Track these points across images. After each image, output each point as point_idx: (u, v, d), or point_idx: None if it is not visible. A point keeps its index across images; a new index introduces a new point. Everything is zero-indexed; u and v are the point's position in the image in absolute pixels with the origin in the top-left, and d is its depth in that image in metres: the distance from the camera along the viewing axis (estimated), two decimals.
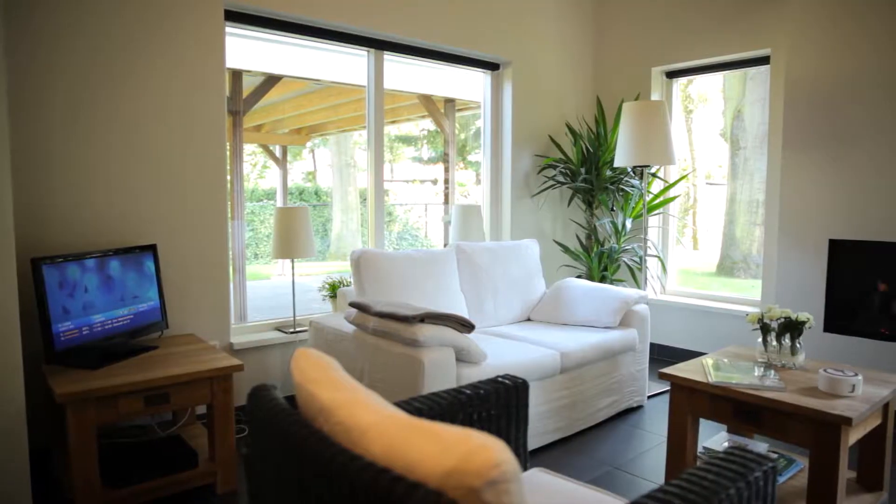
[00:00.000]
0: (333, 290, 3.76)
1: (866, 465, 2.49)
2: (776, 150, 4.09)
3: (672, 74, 4.83)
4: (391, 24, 3.84)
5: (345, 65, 4.15)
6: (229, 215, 3.36)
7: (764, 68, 4.34)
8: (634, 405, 3.62)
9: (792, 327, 2.54)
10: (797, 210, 3.73)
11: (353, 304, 2.92)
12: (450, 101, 5.76)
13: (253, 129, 7.82)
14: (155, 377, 2.34)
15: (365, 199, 4.13)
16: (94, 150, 2.84)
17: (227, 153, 3.34)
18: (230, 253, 3.43)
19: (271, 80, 5.01)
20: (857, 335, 3.53)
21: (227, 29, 3.28)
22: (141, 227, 2.99)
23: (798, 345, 2.55)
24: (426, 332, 2.57)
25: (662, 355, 4.72)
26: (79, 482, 2.21)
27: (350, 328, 3.02)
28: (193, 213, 3.15)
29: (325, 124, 8.49)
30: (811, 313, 3.63)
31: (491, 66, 4.58)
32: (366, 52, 3.95)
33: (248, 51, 3.76)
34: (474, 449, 0.88)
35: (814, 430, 2.12)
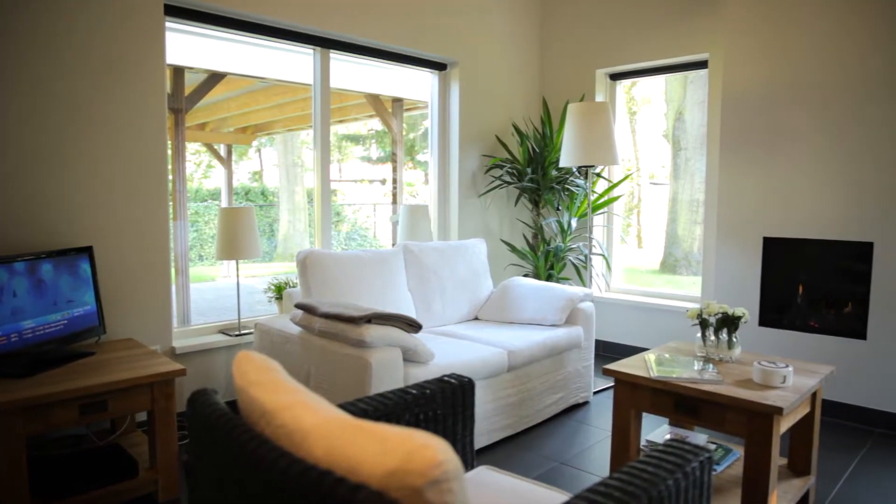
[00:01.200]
0: (279, 291, 3.71)
1: (796, 452, 2.60)
2: (714, 151, 4.23)
3: (616, 76, 4.94)
4: (337, 22, 3.80)
5: (290, 63, 4.09)
6: (171, 216, 3.27)
7: (703, 72, 4.49)
8: (581, 401, 3.69)
9: (728, 322, 2.63)
10: (734, 209, 3.86)
11: (298, 306, 2.89)
12: (398, 101, 5.74)
13: (196, 127, 7.62)
14: (91, 384, 2.26)
15: (312, 199, 4.08)
16: (25, 148, 2.72)
17: (169, 152, 3.25)
18: (172, 254, 3.33)
19: (215, 78, 4.89)
20: (790, 329, 3.69)
21: (168, 24, 3.19)
22: (76, 228, 2.88)
23: (734, 339, 2.65)
24: (373, 332, 2.56)
25: (608, 352, 4.82)
26: (6, 497, 2.12)
27: (296, 330, 2.98)
28: (133, 214, 3.05)
29: (272, 123, 8.35)
30: (749, 308, 3.79)
31: (438, 67, 4.59)
32: (311, 51, 3.91)
33: (190, 47, 3.66)
34: (416, 448, 0.88)
35: (748, 420, 2.20)
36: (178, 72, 4.33)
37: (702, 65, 4.43)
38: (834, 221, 3.51)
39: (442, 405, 1.81)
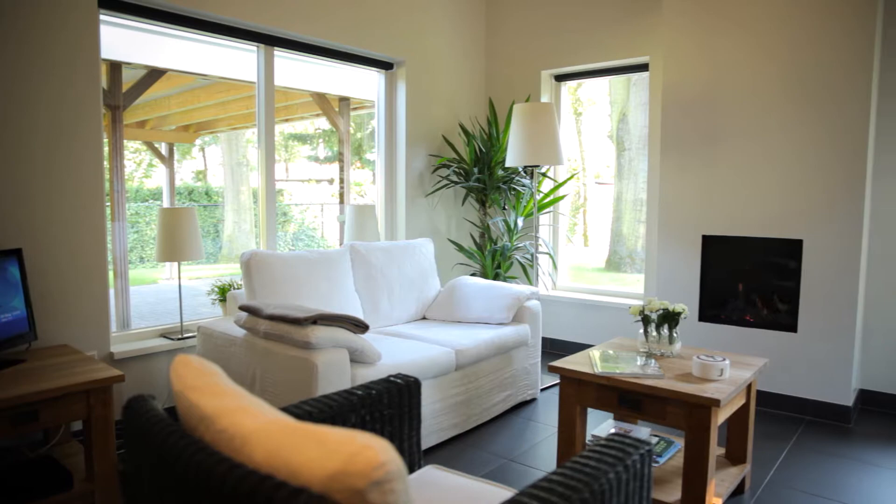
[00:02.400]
0: (223, 293, 3.63)
1: (733, 441, 2.70)
2: (656, 152, 4.35)
3: (561, 78, 5.01)
4: (281, 19, 3.74)
5: (234, 60, 4.00)
6: (109, 216, 3.16)
7: (645, 74, 4.60)
8: (528, 398, 3.74)
9: (669, 318, 2.70)
10: (674, 208, 3.98)
11: (243, 308, 2.83)
12: (344, 100, 5.69)
13: (136, 125, 7.39)
14: (20, 393, 2.16)
15: (258, 199, 4.01)
16: None
17: (106, 150, 3.14)
18: (111, 256, 3.22)
19: (154, 74, 4.75)
20: (727, 323, 3.82)
21: (102, 17, 3.08)
22: (4, 229, 2.75)
23: (675, 334, 2.73)
24: (319, 333, 2.53)
25: (555, 349, 4.89)
26: None
27: (240, 332, 2.92)
28: (66, 215, 2.93)
29: (215, 121, 8.16)
30: (689, 304, 3.91)
31: (385, 66, 4.57)
32: (255, 48, 3.84)
33: (127, 42, 3.55)
34: (358, 450, 0.88)
35: (688, 412, 2.27)
36: (115, 67, 4.19)
37: (643, 67, 4.54)
38: (768, 220, 3.65)
39: (388, 405, 1.80)
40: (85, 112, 2.97)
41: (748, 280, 3.78)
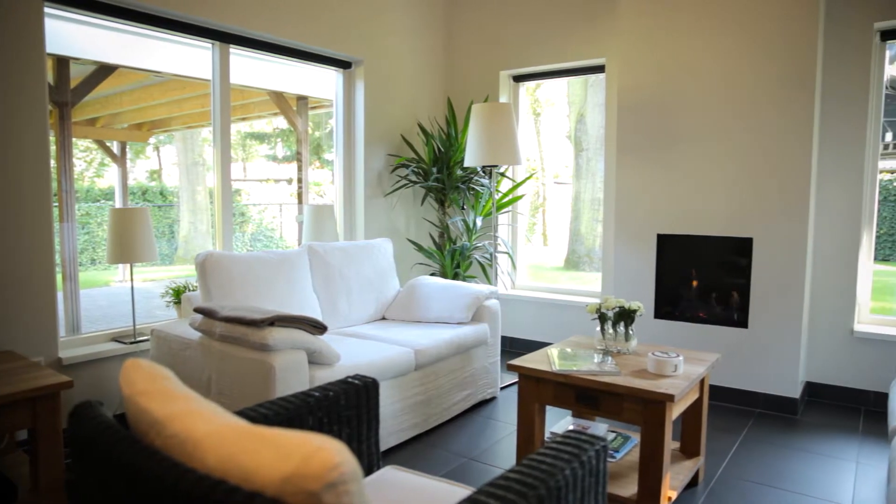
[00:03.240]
0: (178, 295, 3.55)
1: (687, 435, 2.76)
2: (612, 153, 4.42)
3: (519, 78, 5.05)
4: (237, 16, 3.68)
5: (188, 57, 3.93)
6: (57, 217, 3.06)
7: (602, 75, 4.67)
8: (488, 397, 3.76)
9: (625, 316, 2.75)
10: (630, 208, 4.05)
11: (198, 310, 2.77)
12: (302, 99, 5.63)
13: (86, 122, 7.17)
14: None
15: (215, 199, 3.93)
16: None
17: (53, 148, 3.03)
18: (59, 258, 3.12)
19: (104, 70, 4.61)
20: (682, 320, 3.91)
21: (48, 10, 2.97)
22: None
23: (631, 331, 2.77)
24: (276, 335, 2.50)
25: (514, 347, 4.93)
26: None
27: (195, 335, 2.87)
28: (9, 216, 2.82)
29: (169, 119, 7.97)
30: (645, 302, 3.98)
31: (343, 65, 4.54)
32: (210, 45, 3.76)
33: (75, 36, 3.44)
34: (312, 452, 0.87)
35: (643, 408, 2.31)
36: (63, 62, 4.06)
37: (600, 69, 4.61)
38: (719, 219, 3.75)
39: (346, 407, 1.79)
40: (30, 109, 2.86)
41: (701, 277, 3.87)
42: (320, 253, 3.55)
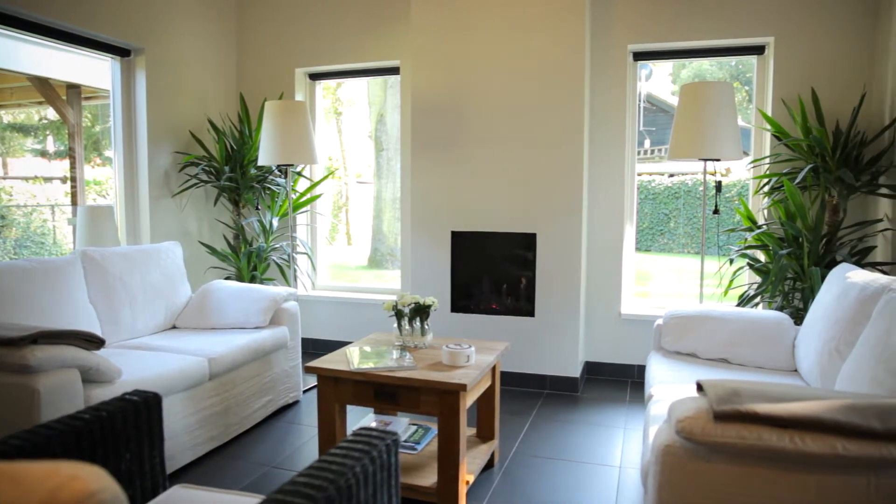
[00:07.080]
0: None
1: (482, 421, 2.94)
2: (408, 153, 4.54)
3: (316, 77, 4.99)
4: None
5: None
6: None
7: (398, 77, 4.77)
8: (290, 401, 3.67)
9: (420, 311, 2.84)
10: (425, 206, 4.20)
11: None
12: (73, 87, 5.04)
13: None
14: None
15: None
16: None
17: None
18: None
19: None
20: (476, 312, 4.14)
21: None
22: None
23: (427, 326, 2.88)
24: (39, 354, 2.22)
25: (317, 349, 4.87)
26: None
27: None
28: None
29: None
30: (442, 297, 4.15)
31: (120, 52, 4.14)
32: None
33: None
34: (62, 483, 0.78)
35: (439, 399, 2.41)
36: None
37: (396, 70, 4.71)
38: (507, 216, 4.03)
39: (124, 426, 1.64)
40: None
41: (493, 271, 4.13)
42: (97, 259, 3.21)
